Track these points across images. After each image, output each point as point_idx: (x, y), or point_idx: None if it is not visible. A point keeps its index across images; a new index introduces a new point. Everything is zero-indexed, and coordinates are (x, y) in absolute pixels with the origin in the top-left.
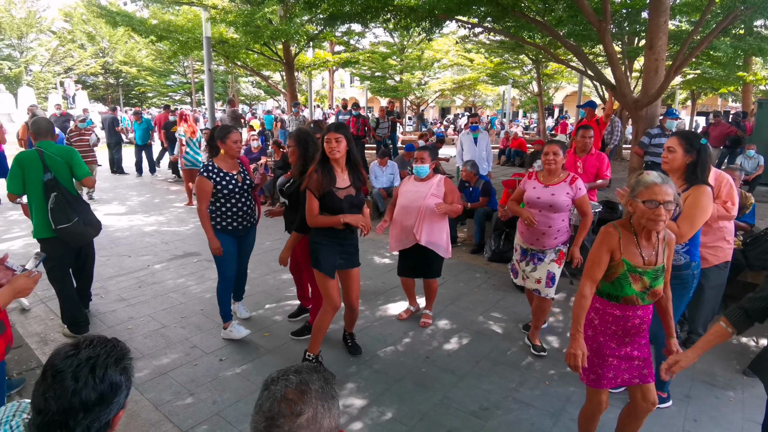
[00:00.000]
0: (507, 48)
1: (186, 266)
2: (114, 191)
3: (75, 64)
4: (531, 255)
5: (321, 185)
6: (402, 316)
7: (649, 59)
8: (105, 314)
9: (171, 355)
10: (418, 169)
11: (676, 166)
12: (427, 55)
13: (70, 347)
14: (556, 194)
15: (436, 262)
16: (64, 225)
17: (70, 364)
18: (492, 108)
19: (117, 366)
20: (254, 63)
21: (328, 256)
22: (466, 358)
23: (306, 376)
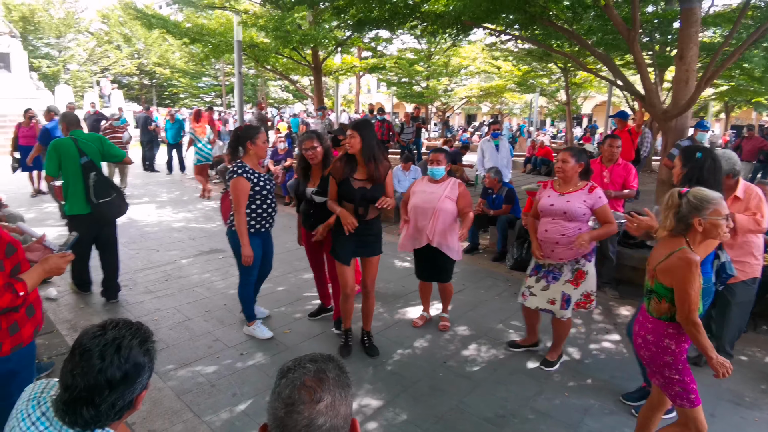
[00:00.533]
0: (535, 56)
1: (211, 262)
2: (145, 188)
3: (111, 64)
4: (546, 272)
5: (341, 172)
6: (417, 323)
7: (680, 70)
8: (132, 305)
9: (194, 347)
10: (434, 170)
11: (677, 180)
12: (454, 62)
13: (97, 328)
14: (572, 201)
15: (448, 265)
16: (106, 199)
17: (97, 343)
18: (519, 116)
19: (141, 347)
20: (283, 67)
21: (343, 245)
22: (484, 364)
23: (322, 364)
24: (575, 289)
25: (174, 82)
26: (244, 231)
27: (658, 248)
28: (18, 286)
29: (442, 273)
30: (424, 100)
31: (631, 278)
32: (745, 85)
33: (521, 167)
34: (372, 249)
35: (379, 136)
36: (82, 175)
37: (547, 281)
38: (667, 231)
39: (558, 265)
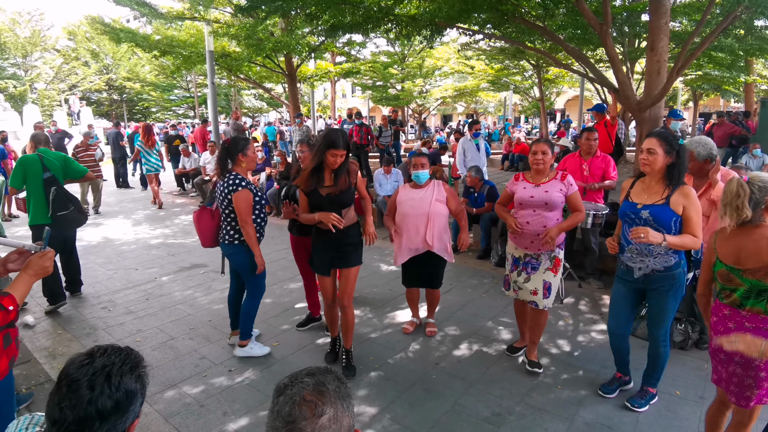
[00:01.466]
0: (508, 54)
1: (193, 278)
2: (119, 205)
3: (79, 81)
4: (524, 263)
5: (308, 183)
6: (407, 330)
7: (651, 61)
8: (113, 327)
9: (180, 366)
10: (419, 174)
11: (657, 168)
12: (428, 64)
13: (84, 356)
14: (550, 191)
15: (441, 270)
16: (63, 212)
17: (85, 372)
18: (494, 114)
19: (132, 374)
20: (257, 75)
21: (320, 255)
22: (476, 364)
23: (320, 377)
24: (554, 276)
25: (145, 96)
26: (255, 242)
27: (730, 243)
28: (5, 302)
29: (434, 278)
30: (400, 103)
31: (613, 269)
32: (714, 73)
33: (499, 165)
34: (349, 259)
35: (358, 140)
36: (43, 189)
37: (527, 272)
38: (737, 223)
39: (535, 255)
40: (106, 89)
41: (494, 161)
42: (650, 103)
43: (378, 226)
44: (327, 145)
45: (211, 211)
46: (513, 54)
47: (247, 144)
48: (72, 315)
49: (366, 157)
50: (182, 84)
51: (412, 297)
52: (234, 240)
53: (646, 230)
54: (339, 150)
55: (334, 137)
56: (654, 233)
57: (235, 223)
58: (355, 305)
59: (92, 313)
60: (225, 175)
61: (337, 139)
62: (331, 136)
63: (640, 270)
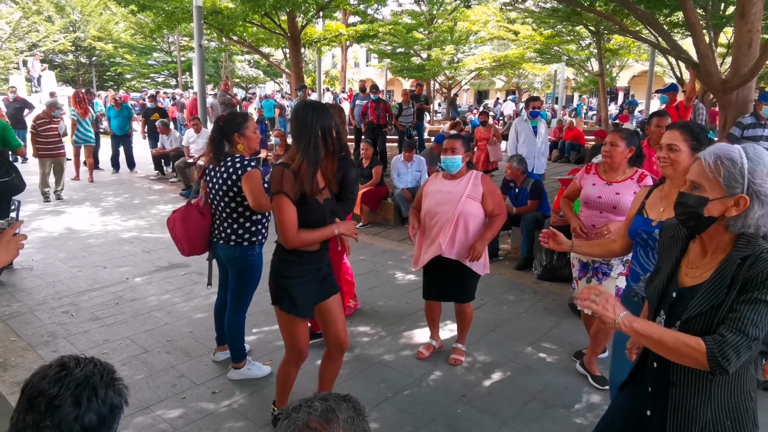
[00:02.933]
0: (561, 17)
1: (171, 280)
2: (86, 190)
3: (41, 39)
4: (593, 269)
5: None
6: (422, 354)
7: (741, 30)
8: (76, 336)
9: (154, 385)
10: (449, 161)
11: (680, 170)
12: (460, 27)
13: (57, 368)
14: (622, 193)
15: (470, 282)
16: (4, 179)
17: (65, 386)
18: (540, 91)
19: (114, 387)
20: (253, 38)
21: (305, 293)
22: (511, 398)
23: (333, 404)
24: None
25: (118, 60)
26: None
27: None
28: None
29: (462, 292)
30: (425, 75)
31: None
32: None
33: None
34: (332, 284)
35: (375, 119)
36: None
37: (598, 279)
38: None
39: (605, 260)
40: (72, 50)
41: None
42: (738, 82)
43: (395, 225)
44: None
45: (198, 207)
46: (567, 17)
47: (245, 122)
48: (28, 319)
49: (384, 140)
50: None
51: (431, 313)
52: (242, 240)
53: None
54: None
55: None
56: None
57: (243, 219)
58: (365, 321)
59: (52, 317)
60: (221, 160)
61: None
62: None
63: None
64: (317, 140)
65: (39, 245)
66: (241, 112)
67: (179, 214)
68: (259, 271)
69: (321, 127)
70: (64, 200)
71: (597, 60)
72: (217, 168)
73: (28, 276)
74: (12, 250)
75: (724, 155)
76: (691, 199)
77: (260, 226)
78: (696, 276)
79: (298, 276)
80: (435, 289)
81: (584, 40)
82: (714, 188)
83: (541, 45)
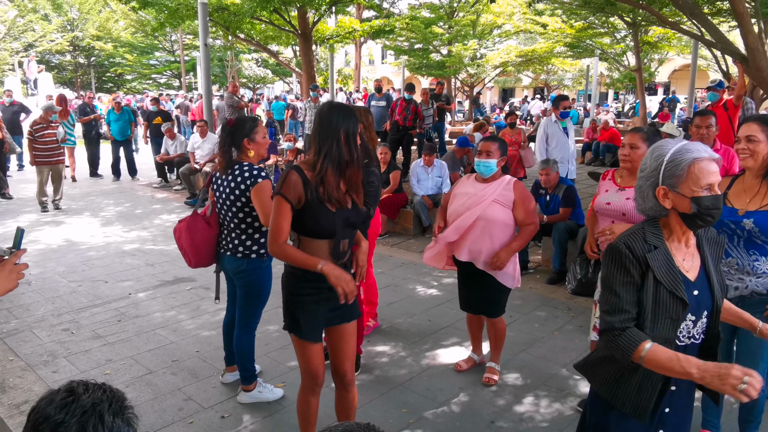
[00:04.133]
0: (593, 8)
1: (177, 295)
2: (85, 199)
3: (37, 39)
4: None
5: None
6: (461, 367)
7: None
8: (76, 355)
9: (160, 409)
10: (483, 165)
11: (759, 161)
12: (484, 20)
13: (64, 394)
14: (632, 199)
15: (498, 294)
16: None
17: (71, 412)
18: (571, 88)
19: (123, 415)
20: (261, 35)
21: (312, 313)
22: (546, 425)
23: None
24: None
25: (118, 60)
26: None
27: None
28: None
29: (490, 304)
30: (445, 72)
31: None
32: None
33: (579, 156)
34: (352, 309)
35: (402, 121)
36: None
37: None
38: None
39: None
40: (70, 50)
41: None
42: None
43: (416, 236)
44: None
45: (205, 216)
46: (600, 7)
47: (254, 127)
48: (26, 337)
49: (410, 142)
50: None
51: (472, 325)
52: (250, 252)
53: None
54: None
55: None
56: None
57: (252, 230)
58: (385, 339)
59: (51, 335)
60: (230, 168)
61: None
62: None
63: (737, 290)
64: (340, 145)
65: (37, 258)
66: (251, 116)
67: (185, 224)
68: (269, 285)
69: (345, 131)
70: (62, 210)
71: (634, 54)
72: (225, 176)
73: (26, 291)
74: (13, 280)
75: None
76: None
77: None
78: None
79: (306, 294)
80: (464, 300)
81: (619, 32)
82: None
83: (571, 38)
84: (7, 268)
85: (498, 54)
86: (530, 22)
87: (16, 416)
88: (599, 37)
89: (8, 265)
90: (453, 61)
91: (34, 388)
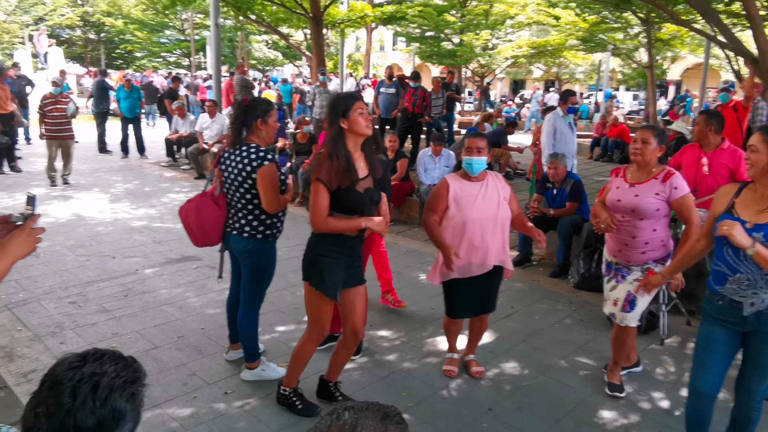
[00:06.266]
0: (607, 3)
1: (183, 273)
2: (94, 175)
3: (47, 13)
4: (615, 270)
5: (340, 177)
6: (452, 373)
7: None
8: (83, 327)
9: (164, 383)
10: (474, 162)
11: (759, 168)
12: (497, 10)
13: (76, 358)
14: (641, 195)
15: (499, 286)
16: None
17: (71, 377)
18: (582, 82)
19: (124, 390)
20: (272, 17)
21: (334, 273)
22: (542, 414)
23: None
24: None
25: (128, 37)
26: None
27: None
28: None
29: (493, 300)
30: (456, 62)
31: None
32: None
33: (587, 152)
34: (361, 274)
35: (411, 108)
36: None
37: (617, 280)
38: None
39: (624, 264)
40: (80, 25)
41: (581, 147)
42: None
43: (418, 224)
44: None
45: (213, 196)
46: (615, 3)
47: (269, 109)
48: (34, 308)
49: (419, 130)
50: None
51: (456, 329)
52: (256, 233)
53: (732, 224)
54: (361, 102)
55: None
56: (741, 232)
57: (258, 211)
58: (387, 325)
59: (59, 308)
60: (238, 146)
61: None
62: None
63: (753, 306)
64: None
65: (46, 232)
66: (267, 99)
67: (193, 204)
68: (272, 266)
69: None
70: (71, 185)
71: (646, 50)
72: (234, 156)
73: (34, 263)
74: (31, 244)
75: None
76: None
77: (276, 219)
78: None
79: (331, 256)
80: (465, 304)
81: (632, 28)
82: None
83: (584, 32)
84: (25, 233)
85: (510, 46)
86: (543, 13)
87: (24, 384)
88: (612, 32)
89: (26, 229)
90: (464, 50)
91: (41, 357)
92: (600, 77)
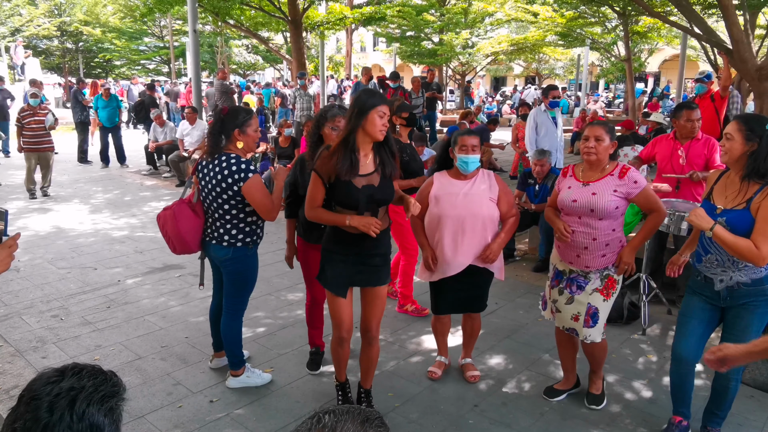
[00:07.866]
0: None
1: (166, 282)
2: (74, 186)
3: (24, 24)
4: (569, 279)
5: (336, 171)
6: (435, 375)
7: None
8: (66, 341)
9: (149, 393)
10: (469, 160)
11: (733, 158)
12: (475, 8)
13: (54, 373)
14: (599, 193)
15: (487, 288)
16: None
17: (48, 391)
18: (562, 77)
19: (102, 405)
20: (251, 21)
21: (336, 269)
22: (527, 408)
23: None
24: (605, 301)
25: (106, 46)
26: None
27: None
28: None
29: (481, 299)
30: (437, 61)
31: None
32: None
33: (568, 146)
34: (378, 276)
35: None
36: None
37: (571, 291)
38: None
39: (583, 272)
40: (57, 35)
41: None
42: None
43: None
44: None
45: (191, 204)
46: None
47: (248, 119)
48: (15, 323)
49: None
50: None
51: (443, 328)
52: (236, 241)
53: (695, 210)
54: (385, 107)
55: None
56: (703, 216)
57: (237, 219)
58: None
59: (40, 321)
60: (215, 156)
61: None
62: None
63: (722, 282)
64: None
65: (26, 245)
66: (246, 108)
67: (170, 212)
68: (254, 273)
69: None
70: (51, 197)
71: (624, 43)
72: (212, 165)
73: (14, 278)
74: (8, 263)
75: None
76: None
77: (255, 226)
78: None
79: (335, 252)
80: (450, 301)
81: (610, 21)
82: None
83: (562, 27)
84: (5, 251)
85: (490, 43)
86: (521, 10)
87: (6, 401)
88: (590, 26)
89: (5, 247)
90: (444, 49)
91: (24, 373)
92: (579, 71)
